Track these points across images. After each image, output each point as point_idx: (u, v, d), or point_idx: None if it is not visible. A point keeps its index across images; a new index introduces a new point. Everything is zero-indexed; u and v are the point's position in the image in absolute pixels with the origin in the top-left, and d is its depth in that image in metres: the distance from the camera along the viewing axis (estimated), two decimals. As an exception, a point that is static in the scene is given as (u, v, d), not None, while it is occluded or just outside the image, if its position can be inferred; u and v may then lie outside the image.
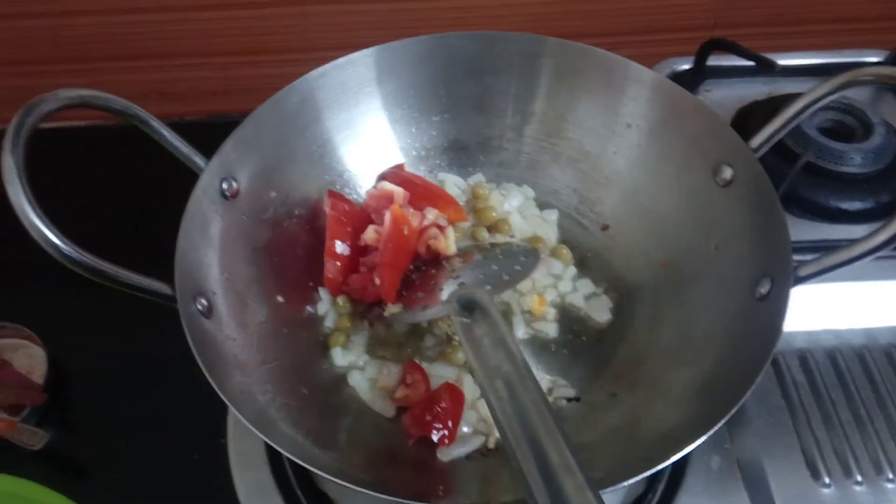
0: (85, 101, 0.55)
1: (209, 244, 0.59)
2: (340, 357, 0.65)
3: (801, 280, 0.55)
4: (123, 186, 0.96)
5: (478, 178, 0.79)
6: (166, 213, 0.57)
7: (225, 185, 0.62)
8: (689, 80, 0.94)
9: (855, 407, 0.68)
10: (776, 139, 0.62)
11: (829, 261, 0.54)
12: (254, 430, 0.46)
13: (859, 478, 0.64)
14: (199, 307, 0.55)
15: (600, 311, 0.69)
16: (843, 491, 0.63)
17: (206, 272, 0.58)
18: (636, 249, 0.71)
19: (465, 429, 0.61)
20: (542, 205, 0.77)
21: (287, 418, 0.55)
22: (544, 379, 0.65)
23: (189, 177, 0.61)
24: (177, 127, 0.61)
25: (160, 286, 0.52)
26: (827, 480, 0.64)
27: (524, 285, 0.70)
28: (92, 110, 0.56)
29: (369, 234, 0.67)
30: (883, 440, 0.66)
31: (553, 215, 0.76)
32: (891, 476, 0.64)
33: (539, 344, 0.68)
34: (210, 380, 0.47)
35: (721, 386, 0.54)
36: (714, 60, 0.95)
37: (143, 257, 0.53)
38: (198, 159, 0.61)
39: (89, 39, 1.03)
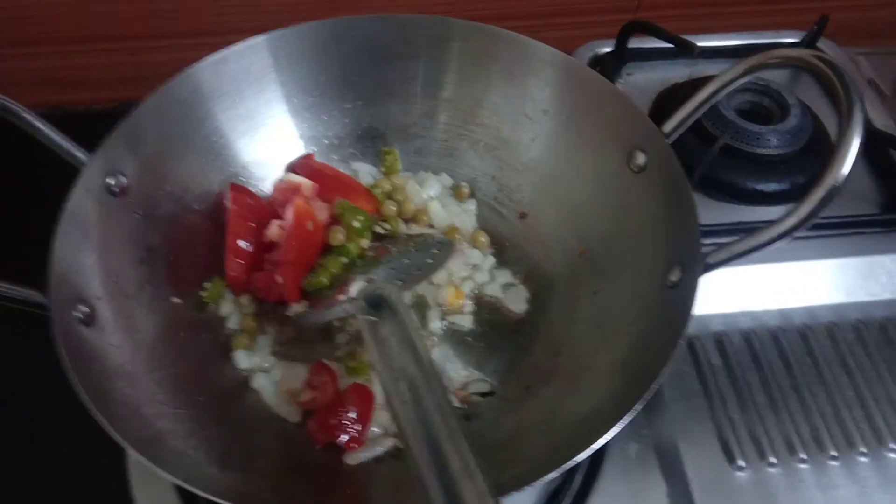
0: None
1: (92, 246, 0.55)
2: (244, 360, 0.62)
3: (710, 267, 0.54)
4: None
5: (393, 166, 0.76)
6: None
7: (112, 181, 0.58)
8: (611, 64, 0.93)
9: (769, 389, 0.68)
10: (688, 123, 0.61)
11: (738, 248, 0.53)
12: (131, 450, 0.43)
13: (773, 459, 0.64)
14: (79, 315, 0.51)
15: (517, 302, 0.68)
16: (757, 474, 0.63)
17: (88, 276, 0.54)
18: (553, 238, 0.70)
19: (375, 430, 0.59)
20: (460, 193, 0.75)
21: (179, 431, 0.51)
22: (460, 374, 0.64)
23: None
24: (83, 116, 0.56)
25: (30, 294, 0.48)
26: (741, 463, 0.64)
27: (440, 277, 0.68)
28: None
29: (273, 230, 0.63)
30: (796, 421, 0.66)
31: (472, 204, 0.74)
32: (803, 456, 0.64)
33: (456, 337, 0.66)
34: (80, 393, 0.43)
35: (635, 374, 0.53)
36: (637, 43, 0.94)
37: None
38: (80, 154, 0.57)
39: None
